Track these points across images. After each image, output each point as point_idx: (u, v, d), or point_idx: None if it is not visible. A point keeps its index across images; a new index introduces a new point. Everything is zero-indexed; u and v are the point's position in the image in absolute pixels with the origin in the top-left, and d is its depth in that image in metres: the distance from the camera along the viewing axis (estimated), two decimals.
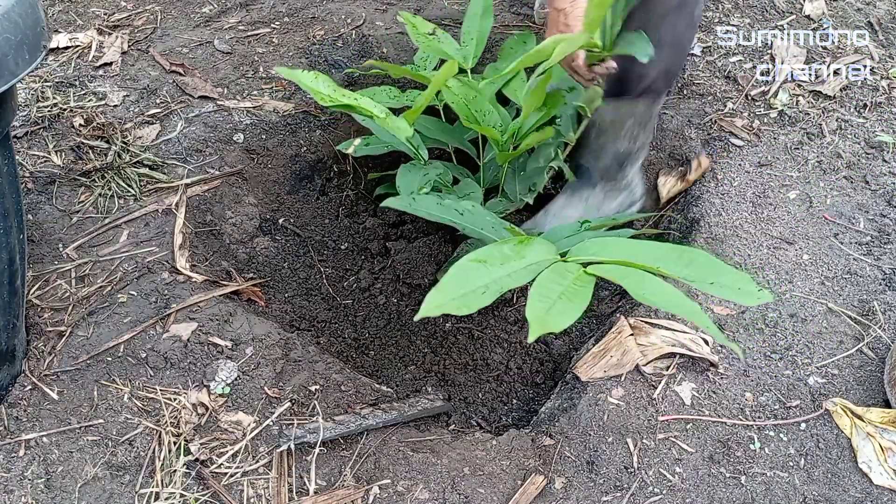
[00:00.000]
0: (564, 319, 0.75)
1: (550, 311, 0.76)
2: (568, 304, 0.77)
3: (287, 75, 1.19)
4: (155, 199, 1.52)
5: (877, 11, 1.98)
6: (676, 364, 1.24)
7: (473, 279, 0.81)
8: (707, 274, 0.83)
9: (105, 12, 2.07)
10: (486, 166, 1.55)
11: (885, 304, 1.32)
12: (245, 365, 1.24)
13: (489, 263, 0.83)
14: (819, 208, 1.50)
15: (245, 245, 1.61)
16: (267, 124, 1.75)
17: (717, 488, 1.09)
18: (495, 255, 0.85)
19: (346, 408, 1.21)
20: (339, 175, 1.85)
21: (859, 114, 1.70)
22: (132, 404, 1.18)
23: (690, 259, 0.85)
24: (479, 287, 0.80)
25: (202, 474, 1.09)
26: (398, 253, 1.62)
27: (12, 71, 0.91)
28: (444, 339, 1.55)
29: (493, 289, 0.80)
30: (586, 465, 1.12)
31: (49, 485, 1.08)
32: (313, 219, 1.77)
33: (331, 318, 1.58)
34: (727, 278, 0.83)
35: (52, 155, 1.60)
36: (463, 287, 0.80)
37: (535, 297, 0.78)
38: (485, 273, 0.82)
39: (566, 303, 0.78)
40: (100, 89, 1.79)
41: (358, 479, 1.10)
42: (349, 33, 1.99)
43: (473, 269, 0.82)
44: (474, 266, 0.83)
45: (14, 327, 1.15)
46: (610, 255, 0.89)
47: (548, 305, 0.77)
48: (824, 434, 1.14)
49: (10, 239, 1.08)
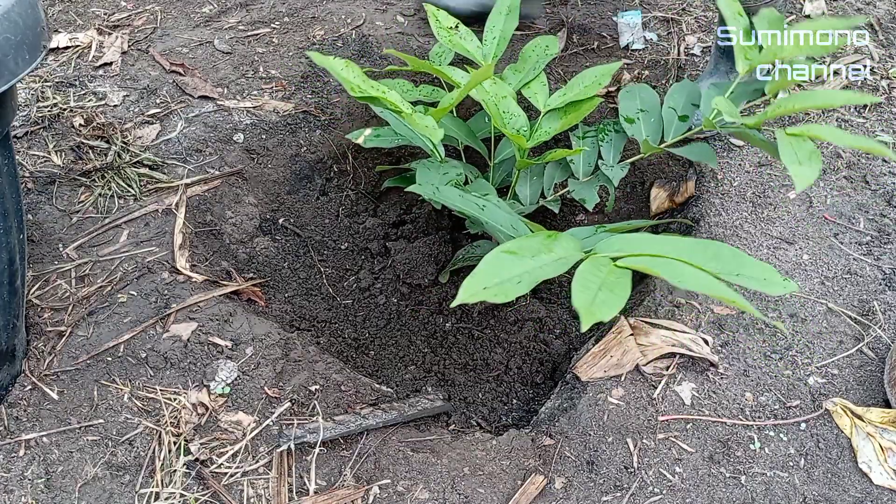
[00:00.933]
0: (609, 310, 0.78)
1: (594, 302, 0.79)
2: (609, 295, 0.80)
3: (319, 61, 1.18)
4: (155, 199, 1.52)
5: (877, 11, 1.98)
6: (676, 364, 1.24)
7: (507, 269, 0.84)
8: (733, 266, 0.86)
9: (105, 12, 2.07)
10: (496, 167, 1.55)
11: (885, 304, 1.32)
12: (245, 365, 1.24)
13: (520, 255, 0.87)
14: (819, 208, 1.50)
15: (245, 245, 1.61)
16: (267, 124, 1.75)
17: (717, 488, 1.09)
18: (526, 247, 0.88)
19: (346, 408, 1.21)
20: (339, 175, 1.85)
21: (859, 114, 1.70)
22: (132, 404, 1.18)
23: (716, 252, 0.88)
24: (514, 276, 0.83)
25: (202, 474, 1.09)
26: (398, 253, 1.62)
27: (12, 71, 0.91)
28: (444, 339, 1.55)
29: (527, 279, 0.83)
30: (586, 465, 1.12)
31: (49, 485, 1.08)
32: (313, 219, 1.77)
33: (331, 318, 1.58)
34: (752, 270, 0.85)
35: (52, 155, 1.60)
36: (497, 276, 0.83)
37: (578, 288, 0.81)
38: (518, 263, 0.85)
39: (607, 293, 0.81)
40: (100, 89, 1.79)
41: (358, 479, 1.10)
42: (349, 33, 1.99)
43: (507, 259, 0.85)
44: (507, 257, 0.86)
45: (14, 327, 1.15)
46: (635, 250, 0.92)
47: (591, 296, 0.80)
48: (824, 434, 1.14)
49: (10, 239, 1.08)
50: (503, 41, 1.50)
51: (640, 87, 1.54)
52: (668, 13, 2.04)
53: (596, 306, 0.78)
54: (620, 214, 1.76)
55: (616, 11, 2.05)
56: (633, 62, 1.91)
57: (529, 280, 0.83)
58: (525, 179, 1.56)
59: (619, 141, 1.53)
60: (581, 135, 1.57)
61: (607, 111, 1.82)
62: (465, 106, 1.84)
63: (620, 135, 1.52)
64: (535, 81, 1.52)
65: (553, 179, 1.55)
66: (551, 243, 0.91)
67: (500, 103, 1.39)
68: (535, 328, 1.53)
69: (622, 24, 1.99)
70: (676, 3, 2.07)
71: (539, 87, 1.51)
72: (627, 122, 1.48)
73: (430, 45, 1.96)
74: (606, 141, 1.53)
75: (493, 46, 1.50)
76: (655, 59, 1.90)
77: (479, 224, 1.54)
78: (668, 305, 1.34)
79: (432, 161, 1.44)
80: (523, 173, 1.55)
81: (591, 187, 1.49)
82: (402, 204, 1.81)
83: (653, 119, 1.47)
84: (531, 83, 1.52)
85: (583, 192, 1.47)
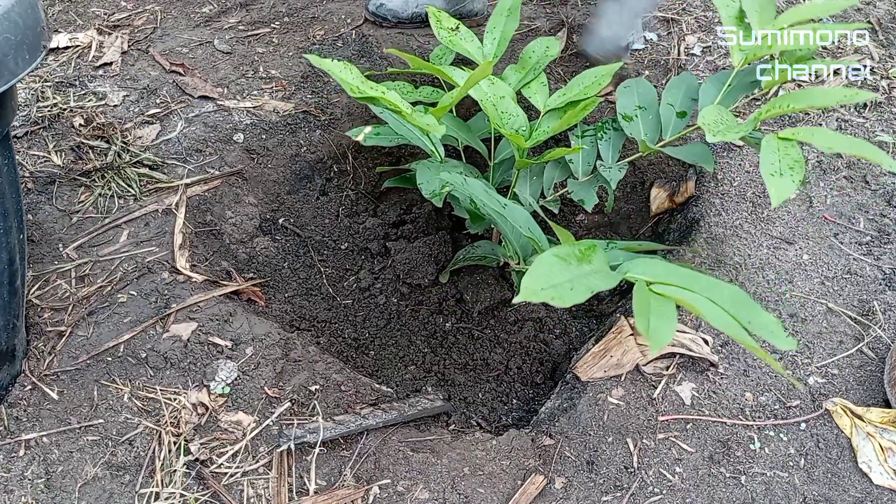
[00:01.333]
0: (662, 338, 0.82)
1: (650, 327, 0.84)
2: (660, 321, 0.85)
3: (317, 63, 1.19)
4: (155, 199, 1.52)
5: (877, 11, 1.98)
6: (676, 364, 1.24)
7: (558, 273, 0.87)
8: (746, 313, 0.90)
9: (105, 12, 2.07)
10: (496, 167, 1.55)
11: (885, 304, 1.32)
12: (245, 365, 1.24)
13: (567, 261, 0.90)
14: (819, 208, 1.50)
15: (245, 245, 1.61)
16: (267, 124, 1.75)
17: (717, 488, 1.09)
18: (570, 254, 0.92)
19: (346, 408, 1.21)
20: (339, 175, 1.85)
21: (859, 114, 1.70)
22: (132, 404, 1.18)
23: (733, 296, 0.92)
24: (565, 282, 0.86)
25: (202, 474, 1.09)
26: (398, 253, 1.62)
27: (12, 71, 0.91)
28: (444, 339, 1.55)
29: (578, 287, 0.86)
30: (586, 465, 1.12)
31: (49, 485, 1.08)
32: (313, 219, 1.77)
33: (331, 318, 1.58)
34: (762, 320, 0.89)
35: (52, 155, 1.60)
36: (551, 279, 0.86)
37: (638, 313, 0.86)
38: (566, 269, 0.89)
39: (657, 319, 0.85)
40: (100, 89, 1.79)
41: (358, 479, 1.10)
42: (349, 33, 1.99)
43: (557, 263, 0.89)
44: (557, 261, 0.89)
45: (14, 327, 1.15)
46: (658, 276, 0.96)
47: (646, 321, 0.85)
48: (824, 434, 1.14)
49: (10, 239, 1.08)
50: (503, 42, 1.50)
51: (638, 83, 1.53)
52: (668, 13, 2.03)
53: (652, 332, 0.83)
54: (620, 214, 1.76)
55: None
56: (633, 62, 1.90)
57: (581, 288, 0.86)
58: (525, 179, 1.56)
59: (617, 140, 1.52)
60: (580, 134, 1.57)
61: (607, 110, 1.82)
62: (466, 106, 1.84)
63: (619, 133, 1.52)
64: (535, 82, 1.52)
65: (552, 179, 1.55)
66: (590, 254, 0.95)
67: (498, 103, 1.39)
68: (535, 328, 1.53)
69: None
70: (676, 3, 2.07)
71: (539, 88, 1.51)
72: (625, 120, 1.48)
73: (429, 46, 1.96)
74: (605, 140, 1.53)
75: (493, 47, 1.50)
76: (655, 59, 1.90)
77: (483, 224, 1.54)
78: None
79: (432, 161, 1.44)
80: (523, 173, 1.55)
81: (590, 188, 1.49)
82: (402, 204, 1.81)
83: (651, 116, 1.47)
84: (531, 83, 1.52)
85: (582, 193, 1.47)
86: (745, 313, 0.90)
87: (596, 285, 0.88)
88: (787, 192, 1.00)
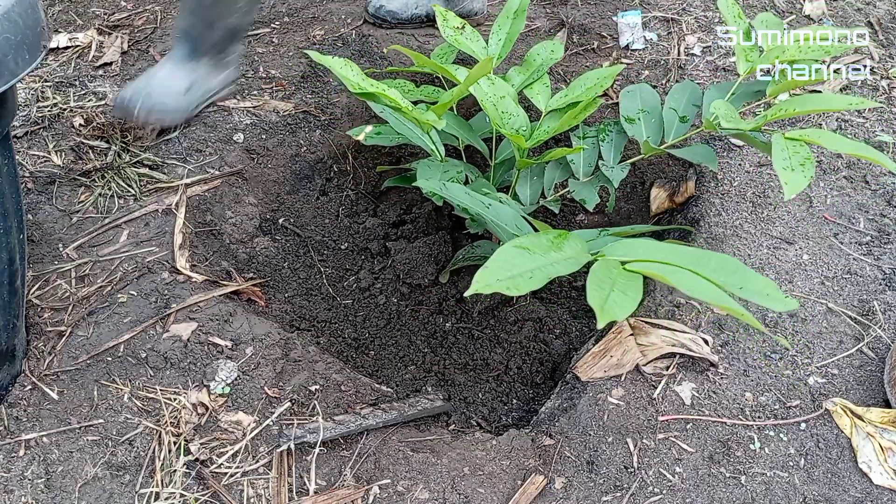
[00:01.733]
0: (622, 310, 0.80)
1: (608, 301, 0.82)
2: (622, 296, 0.82)
3: (318, 59, 1.19)
4: (155, 199, 1.52)
5: (877, 11, 1.98)
6: (676, 364, 1.24)
7: (520, 264, 0.86)
8: (736, 279, 0.87)
9: (105, 12, 2.07)
10: (497, 167, 1.55)
11: (885, 304, 1.32)
12: (245, 365, 1.24)
13: (532, 251, 0.89)
14: (819, 208, 1.50)
15: (245, 245, 1.61)
16: (267, 124, 1.75)
17: (717, 488, 1.09)
18: (537, 244, 0.90)
19: (346, 408, 1.21)
20: (339, 175, 1.85)
21: (859, 113, 1.70)
22: (132, 404, 1.18)
23: (720, 264, 0.89)
24: (526, 272, 0.85)
25: (202, 474, 1.09)
26: (398, 253, 1.62)
27: (12, 71, 0.91)
28: (444, 339, 1.55)
29: (538, 275, 0.85)
30: (586, 465, 1.12)
31: (49, 485, 1.08)
32: (313, 219, 1.77)
33: (331, 318, 1.58)
34: (755, 284, 0.86)
35: (52, 155, 1.60)
36: (510, 270, 0.84)
37: (593, 288, 0.83)
38: (529, 259, 0.87)
39: (620, 294, 0.83)
40: (100, 89, 1.79)
41: (358, 479, 1.10)
42: (349, 33, 1.99)
43: (519, 254, 0.87)
44: (519, 252, 0.88)
45: (14, 327, 1.15)
46: (640, 255, 0.94)
47: (605, 296, 0.83)
48: (824, 434, 1.14)
49: (10, 239, 1.08)
50: (509, 42, 1.50)
51: (641, 87, 1.54)
52: (668, 13, 2.03)
53: (609, 306, 0.80)
54: (621, 214, 1.76)
55: (616, 11, 2.05)
56: (633, 62, 1.91)
57: (541, 276, 0.85)
58: (525, 179, 1.56)
59: (619, 141, 1.53)
60: (581, 135, 1.57)
61: (608, 111, 1.82)
62: (467, 106, 1.84)
63: (621, 135, 1.52)
64: (538, 83, 1.53)
65: (553, 179, 1.55)
66: (561, 242, 0.93)
67: (498, 103, 1.39)
68: (535, 328, 1.53)
69: (622, 24, 1.99)
70: (676, 3, 2.07)
71: (541, 89, 1.52)
72: (628, 122, 1.48)
73: (430, 45, 1.96)
74: (607, 141, 1.53)
75: (498, 47, 1.51)
76: (655, 59, 1.90)
77: (480, 223, 1.54)
78: (668, 305, 1.34)
79: (432, 160, 1.44)
80: (523, 173, 1.55)
81: (591, 188, 1.49)
82: (402, 204, 1.81)
83: (653, 119, 1.47)
84: (534, 84, 1.52)
85: (583, 193, 1.47)
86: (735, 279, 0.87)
87: (557, 271, 0.86)
88: (800, 185, 1.00)
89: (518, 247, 0.88)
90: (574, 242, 0.95)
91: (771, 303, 0.84)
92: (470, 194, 1.24)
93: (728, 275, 0.88)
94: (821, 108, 1.18)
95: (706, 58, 1.89)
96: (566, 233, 0.97)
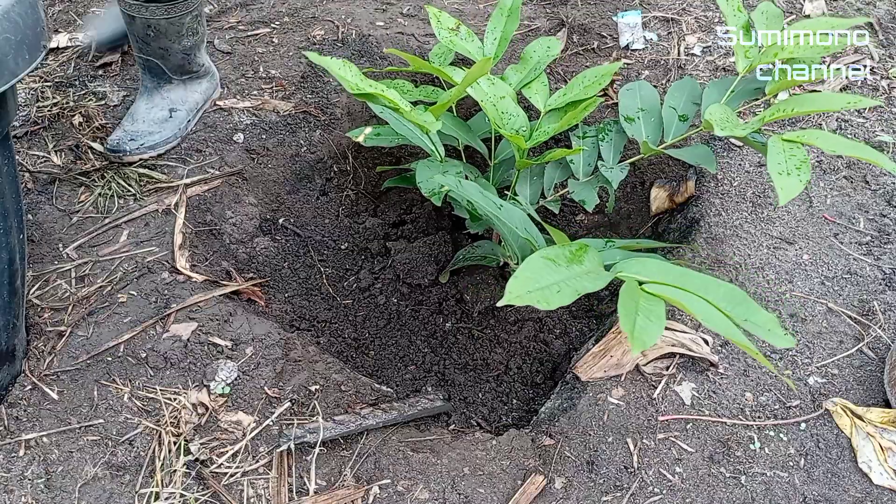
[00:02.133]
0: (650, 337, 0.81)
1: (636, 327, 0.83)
2: (647, 322, 0.84)
3: (316, 60, 1.19)
4: (155, 199, 1.52)
5: (877, 11, 1.98)
6: (676, 364, 1.24)
7: (547, 275, 0.87)
8: (742, 311, 0.89)
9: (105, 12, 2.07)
10: (496, 167, 1.55)
11: (885, 304, 1.32)
12: (245, 365, 1.24)
13: (556, 262, 0.89)
14: (819, 208, 1.50)
15: (245, 245, 1.61)
16: (267, 124, 1.75)
17: (717, 488, 1.09)
18: (560, 255, 0.91)
19: (346, 408, 1.21)
20: (339, 175, 1.85)
21: (859, 114, 1.70)
22: (132, 404, 1.18)
23: (728, 294, 0.91)
24: (553, 284, 0.85)
25: (202, 474, 1.09)
26: (398, 253, 1.62)
27: (12, 71, 0.91)
28: (444, 339, 1.55)
29: (565, 289, 0.85)
30: (586, 465, 1.12)
31: (49, 485, 1.08)
32: (313, 219, 1.77)
33: (331, 318, 1.58)
34: (759, 318, 0.88)
35: (52, 155, 1.60)
36: (538, 281, 0.85)
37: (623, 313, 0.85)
38: (555, 270, 0.88)
39: (645, 320, 0.84)
40: (100, 89, 1.79)
41: (358, 479, 1.10)
42: (349, 33, 1.99)
43: (545, 265, 0.88)
44: (545, 263, 0.88)
45: (14, 327, 1.15)
46: (653, 275, 0.95)
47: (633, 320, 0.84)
48: (824, 434, 1.14)
49: (10, 239, 1.08)
50: (504, 42, 1.50)
51: (641, 85, 1.53)
52: (668, 13, 2.03)
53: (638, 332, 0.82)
54: (620, 214, 1.76)
55: (616, 11, 2.05)
56: (633, 62, 1.91)
57: (569, 291, 0.85)
58: (525, 180, 1.56)
59: (619, 141, 1.52)
60: (581, 135, 1.57)
61: (608, 111, 1.82)
62: (466, 106, 1.84)
63: (621, 135, 1.52)
64: (536, 82, 1.52)
65: (553, 180, 1.55)
66: (581, 255, 0.94)
67: (498, 103, 1.39)
68: (535, 328, 1.53)
69: (622, 24, 1.99)
70: (676, 3, 2.07)
71: (539, 88, 1.51)
72: (627, 122, 1.48)
73: (429, 46, 1.96)
74: (606, 141, 1.53)
75: (493, 47, 1.50)
76: (655, 59, 1.90)
77: (482, 223, 1.54)
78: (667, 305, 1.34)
79: (432, 160, 1.44)
80: (523, 173, 1.55)
81: (590, 188, 1.49)
82: (402, 204, 1.81)
83: (653, 119, 1.47)
84: (532, 83, 1.52)
85: (583, 193, 1.47)
86: (741, 311, 0.89)
87: (584, 287, 0.87)
88: (794, 191, 1.00)
89: (545, 258, 0.89)
90: (592, 255, 0.96)
91: (772, 338, 0.87)
92: (484, 194, 1.24)
93: (735, 305, 0.90)
94: (819, 107, 1.18)
95: (706, 58, 1.89)
96: (585, 245, 0.97)
